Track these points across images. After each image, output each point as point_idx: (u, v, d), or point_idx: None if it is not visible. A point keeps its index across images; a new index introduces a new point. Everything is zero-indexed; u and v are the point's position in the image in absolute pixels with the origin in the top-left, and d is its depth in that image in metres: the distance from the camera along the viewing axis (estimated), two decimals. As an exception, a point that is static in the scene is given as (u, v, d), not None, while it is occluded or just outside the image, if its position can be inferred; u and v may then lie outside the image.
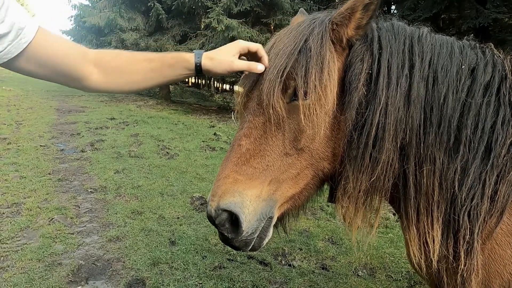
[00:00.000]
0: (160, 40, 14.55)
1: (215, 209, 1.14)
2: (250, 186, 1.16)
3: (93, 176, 5.79)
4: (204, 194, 5.16)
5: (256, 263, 3.45)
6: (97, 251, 3.56)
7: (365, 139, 1.18)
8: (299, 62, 1.17)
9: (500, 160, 1.19)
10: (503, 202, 1.19)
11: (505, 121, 1.21)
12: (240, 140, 1.20)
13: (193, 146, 8.27)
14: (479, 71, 1.25)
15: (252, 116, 1.22)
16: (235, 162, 1.17)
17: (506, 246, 1.20)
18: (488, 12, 9.50)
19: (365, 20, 1.20)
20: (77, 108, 12.85)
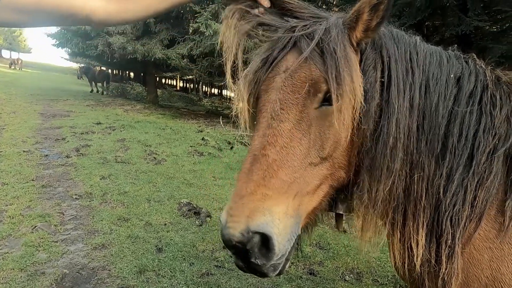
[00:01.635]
0: (147, 44, 14.47)
1: (242, 232, 0.99)
2: (278, 202, 1.05)
3: (78, 182, 5.69)
4: (192, 199, 5.14)
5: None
6: (82, 259, 3.50)
7: (382, 149, 1.18)
8: (328, 65, 1.12)
9: (480, 167, 1.24)
10: (481, 208, 1.23)
11: (485, 129, 1.26)
12: (264, 149, 1.08)
13: (181, 151, 8.23)
14: (464, 80, 1.31)
15: (276, 121, 1.11)
16: (262, 175, 1.05)
17: (483, 251, 1.24)
18: (469, 20, 9.75)
19: (375, 22, 1.17)
20: (62, 112, 12.65)
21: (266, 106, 1.15)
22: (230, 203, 1.06)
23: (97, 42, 15.85)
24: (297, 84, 1.13)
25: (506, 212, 1.22)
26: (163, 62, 14.83)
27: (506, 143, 1.27)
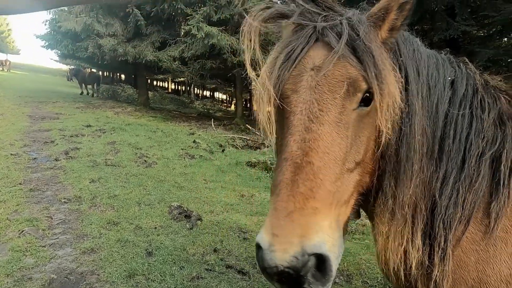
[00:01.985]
0: (138, 47, 14.42)
1: (296, 255, 0.85)
2: (326, 215, 0.95)
3: (67, 185, 5.62)
4: (183, 203, 5.11)
5: (235, 272, 3.44)
6: (70, 264, 3.45)
7: (407, 152, 1.16)
8: (366, 63, 1.06)
9: (471, 170, 1.26)
10: (470, 210, 1.25)
11: (476, 133, 1.28)
12: (307, 156, 0.97)
13: (172, 154, 8.19)
14: (458, 83, 1.33)
15: (316, 124, 1.01)
16: (310, 186, 0.94)
17: (470, 253, 1.26)
18: (457, 25, 9.93)
19: (400, 22, 1.16)
20: (52, 115, 12.48)
21: (299, 107, 1.04)
22: (271, 220, 0.91)
23: (87, 44, 15.72)
24: (333, 83, 1.05)
25: (491, 214, 1.24)
26: (155, 64, 14.77)
27: (493, 146, 1.30)
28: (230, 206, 5.25)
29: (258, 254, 0.92)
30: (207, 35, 12.46)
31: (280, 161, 1.01)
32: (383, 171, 1.19)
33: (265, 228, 0.92)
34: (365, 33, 1.09)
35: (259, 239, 0.92)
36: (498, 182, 1.27)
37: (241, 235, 4.27)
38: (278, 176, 0.98)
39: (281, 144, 1.05)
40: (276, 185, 0.97)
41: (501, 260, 1.22)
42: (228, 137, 11.47)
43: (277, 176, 0.99)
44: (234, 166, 7.67)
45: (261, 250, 0.90)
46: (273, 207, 0.94)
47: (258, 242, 0.92)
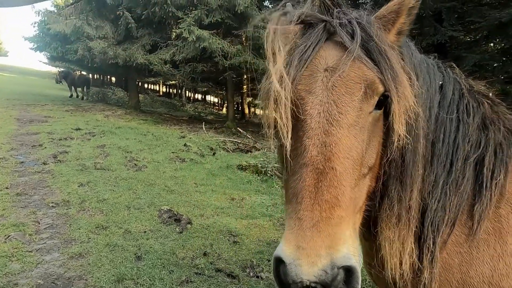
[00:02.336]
0: (129, 49, 14.33)
1: (325, 269, 0.81)
2: (348, 224, 0.91)
3: (55, 189, 5.54)
4: (173, 206, 5.08)
5: (224, 276, 3.43)
6: (58, 269, 3.40)
7: (412, 156, 1.15)
8: (382, 66, 1.04)
9: (457, 173, 1.28)
10: (455, 213, 1.28)
11: (462, 136, 1.31)
12: (329, 161, 0.93)
13: (162, 158, 8.14)
14: (447, 88, 1.36)
15: (336, 127, 0.97)
16: (335, 194, 0.90)
17: (454, 256, 1.28)
18: (444, 30, 10.14)
19: (407, 26, 1.17)
20: (40, 118, 12.30)
21: (316, 108, 0.99)
22: (295, 232, 0.86)
23: (77, 46, 15.60)
24: (350, 84, 1.01)
25: (474, 216, 1.27)
26: (145, 67, 14.69)
27: (477, 150, 1.33)
28: (220, 210, 5.23)
29: (278, 269, 0.86)
30: (198, 39, 12.46)
31: (298, 167, 0.95)
32: (389, 176, 1.18)
33: (286, 240, 0.86)
34: (377, 35, 1.08)
35: (280, 252, 0.85)
36: (481, 185, 1.29)
37: (231, 238, 4.26)
38: (298, 183, 0.93)
39: (295, 149, 0.99)
40: (296, 193, 0.92)
41: (484, 261, 1.24)
42: (219, 140, 11.45)
43: (295, 183, 0.93)
44: (225, 170, 7.66)
45: (283, 265, 0.84)
46: (296, 216, 0.88)
47: (280, 256, 0.85)
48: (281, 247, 0.87)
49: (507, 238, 1.25)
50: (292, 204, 0.92)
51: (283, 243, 0.87)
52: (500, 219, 1.27)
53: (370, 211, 1.22)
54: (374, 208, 1.22)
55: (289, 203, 0.95)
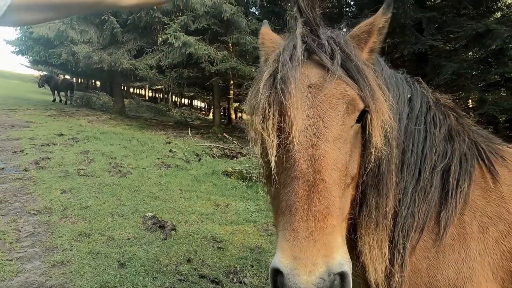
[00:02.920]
0: (114, 54, 14.21)
1: (323, 276, 0.85)
2: (340, 231, 0.97)
3: (36, 197, 5.45)
4: (157, 213, 5.07)
5: (208, 282, 3.45)
6: (39, 277, 3.36)
7: (387, 166, 1.23)
8: (360, 83, 1.11)
9: (425, 181, 1.37)
10: (423, 220, 1.36)
11: (429, 146, 1.40)
12: (320, 174, 0.98)
13: (147, 164, 8.10)
14: (415, 101, 1.45)
15: (323, 141, 1.02)
16: (326, 204, 0.95)
17: (423, 260, 1.35)
18: (425, 39, 10.46)
19: (378, 44, 1.25)
20: (21, 123, 12.05)
21: (303, 124, 1.03)
22: (290, 243, 0.89)
23: (60, 50, 15.36)
24: (333, 100, 1.07)
25: (441, 222, 1.35)
26: (131, 72, 14.60)
27: (443, 160, 1.42)
28: (205, 216, 5.25)
29: (276, 280, 0.89)
30: (184, 44, 12.47)
31: (289, 180, 0.99)
32: (366, 184, 1.25)
33: (282, 251, 0.89)
34: (354, 54, 1.16)
35: (277, 264, 0.88)
36: (447, 193, 1.38)
37: (215, 244, 4.29)
38: (290, 195, 0.96)
39: (283, 162, 1.03)
40: (290, 204, 0.95)
41: (449, 265, 1.32)
42: (205, 146, 11.45)
43: (288, 195, 0.97)
44: (210, 176, 7.67)
45: (281, 275, 0.87)
46: (291, 228, 0.91)
47: (277, 267, 0.88)
48: (278, 258, 0.89)
49: (471, 243, 1.33)
50: (286, 216, 0.95)
51: (280, 254, 0.89)
52: (464, 225, 1.35)
53: (351, 218, 1.28)
54: (354, 215, 1.28)
55: (282, 214, 0.98)
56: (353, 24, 1.34)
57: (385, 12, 1.24)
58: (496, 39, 9.24)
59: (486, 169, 1.45)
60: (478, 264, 1.31)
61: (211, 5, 12.59)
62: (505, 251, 1.31)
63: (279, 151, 1.04)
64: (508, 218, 1.34)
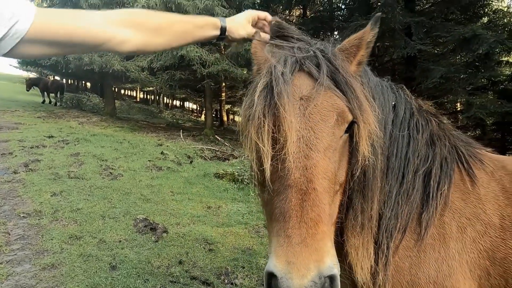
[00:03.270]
0: (105, 56, 14.13)
1: (314, 279, 0.90)
2: (329, 237, 1.03)
3: (26, 199, 5.41)
4: (149, 215, 5.08)
5: (199, 283, 3.48)
6: (29, 280, 3.35)
7: (372, 172, 1.30)
8: (349, 96, 1.17)
9: (408, 184, 1.44)
10: (406, 221, 1.42)
11: (412, 151, 1.47)
12: (312, 183, 1.03)
13: (139, 166, 8.09)
14: (399, 107, 1.52)
15: (315, 152, 1.07)
16: (318, 212, 1.00)
17: (405, 259, 1.42)
18: (414, 43, 10.64)
19: (365, 58, 1.32)
20: (10, 124, 11.90)
21: (296, 134, 1.07)
22: (284, 248, 0.94)
23: (50, 51, 15.19)
24: (324, 112, 1.12)
25: (422, 223, 1.41)
26: (122, 74, 14.53)
27: (425, 163, 1.49)
28: (196, 218, 5.28)
29: (271, 283, 0.94)
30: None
31: (282, 188, 1.04)
32: (353, 190, 1.31)
33: (277, 256, 0.94)
34: (342, 67, 1.21)
35: (272, 268, 0.93)
36: (428, 195, 1.44)
37: (207, 246, 4.32)
38: (284, 203, 1.01)
39: (277, 171, 1.07)
40: (283, 212, 1.00)
41: (430, 264, 1.39)
42: (197, 148, 11.46)
43: (281, 203, 1.02)
44: (202, 178, 7.69)
45: (275, 278, 0.92)
46: (285, 234, 0.96)
47: (272, 271, 0.93)
48: (272, 262, 0.94)
49: (450, 242, 1.40)
50: (280, 222, 1.00)
51: (274, 259, 0.94)
52: (444, 226, 1.42)
53: (338, 222, 1.34)
54: (341, 219, 1.34)
55: (276, 221, 1.02)
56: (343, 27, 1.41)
57: (373, 28, 1.31)
58: (483, 44, 9.45)
59: (465, 172, 1.53)
60: (457, 262, 1.38)
61: (203, 7, 12.64)
62: (482, 250, 1.38)
63: (274, 160, 1.08)
64: (484, 219, 1.42)
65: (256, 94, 1.15)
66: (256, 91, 1.16)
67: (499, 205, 1.45)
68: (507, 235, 1.39)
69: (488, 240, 1.39)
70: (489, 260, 1.37)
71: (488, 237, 1.39)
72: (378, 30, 1.35)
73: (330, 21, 14.82)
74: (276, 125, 1.09)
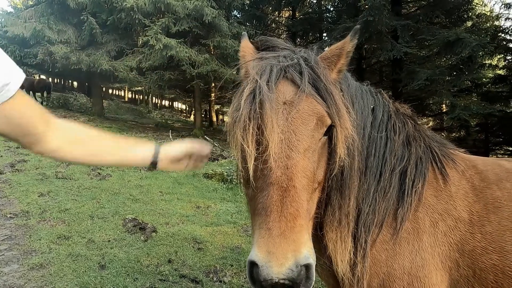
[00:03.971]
0: (93, 55, 14.02)
1: (291, 268, 0.98)
2: (306, 230, 1.10)
3: (13, 200, 5.38)
4: (138, 215, 5.10)
5: (188, 281, 3.54)
6: (17, 280, 3.36)
7: (349, 171, 1.40)
8: (328, 102, 1.25)
9: (385, 182, 1.54)
10: (383, 216, 1.52)
11: (389, 151, 1.57)
12: (291, 181, 1.11)
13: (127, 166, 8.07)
14: (377, 110, 1.62)
15: (295, 152, 1.15)
16: (296, 207, 1.08)
17: (382, 252, 1.52)
18: (400, 46, 10.87)
19: (345, 66, 1.42)
20: (-5, 124, 11.69)
21: (278, 136, 1.15)
22: (265, 240, 1.02)
23: (36, 50, 15.02)
24: (305, 116, 1.20)
25: (398, 218, 1.52)
26: (110, 73, 14.43)
27: (401, 162, 1.60)
28: (185, 218, 5.32)
29: (252, 271, 1.02)
30: (165, 47, 12.46)
31: (265, 185, 1.12)
32: (331, 188, 1.41)
33: (258, 246, 1.02)
34: (323, 74, 1.30)
35: (254, 257, 1.01)
36: (404, 192, 1.55)
37: (196, 245, 4.38)
38: (266, 198, 1.10)
39: (261, 169, 1.15)
40: (266, 207, 1.08)
41: (404, 256, 1.49)
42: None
43: (264, 199, 1.10)
44: (191, 178, 7.73)
45: (257, 267, 1.00)
46: (266, 227, 1.04)
47: (253, 260, 1.01)
48: (254, 252, 1.02)
49: (423, 236, 1.50)
50: (262, 216, 1.08)
51: (256, 249, 1.02)
52: (418, 221, 1.53)
53: (317, 217, 1.45)
54: (320, 214, 1.44)
55: (258, 215, 1.11)
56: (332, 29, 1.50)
57: (352, 39, 1.42)
58: (466, 47, 9.71)
59: (438, 171, 1.63)
60: (429, 254, 1.48)
61: (193, 8, 12.65)
62: (452, 243, 1.49)
63: (257, 160, 1.17)
64: (455, 214, 1.52)
65: (243, 98, 1.23)
66: (243, 95, 1.24)
67: (469, 201, 1.56)
68: (475, 229, 1.50)
69: (458, 234, 1.50)
70: (459, 252, 1.48)
71: (458, 231, 1.50)
72: (366, 33, 1.47)
73: (318, 23, 15.00)
74: (260, 129, 1.18)
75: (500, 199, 1.55)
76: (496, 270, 1.44)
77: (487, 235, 1.48)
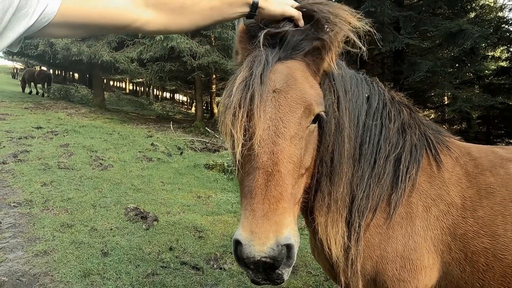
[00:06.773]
0: (94, 46, 13.99)
1: (272, 247, 1.04)
2: (290, 213, 1.15)
3: (16, 189, 5.45)
4: (139, 204, 5.17)
5: (189, 268, 3.61)
6: (22, 266, 3.44)
7: (338, 158, 1.44)
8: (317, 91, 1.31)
9: (380, 168, 1.57)
10: (376, 201, 1.57)
11: (384, 138, 1.61)
12: (276, 165, 1.15)
13: (129, 157, 8.13)
14: (372, 99, 1.65)
15: (282, 139, 1.19)
16: (280, 191, 1.13)
17: (375, 236, 1.56)
18: (402, 38, 10.80)
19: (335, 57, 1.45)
20: (-3, 115, 11.77)
21: (266, 123, 1.19)
22: (249, 220, 1.08)
23: (37, 41, 15.00)
24: (293, 104, 1.24)
25: (391, 203, 1.56)
26: (111, 65, 14.40)
27: (396, 149, 1.63)
28: (186, 207, 5.39)
29: (236, 249, 1.09)
30: (166, 38, 12.41)
31: (252, 169, 1.17)
32: (321, 174, 1.45)
33: (242, 226, 1.08)
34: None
35: (238, 236, 1.07)
36: (398, 178, 1.58)
37: (197, 234, 4.45)
38: (252, 182, 1.15)
39: (249, 154, 1.20)
40: (251, 190, 1.14)
41: (397, 239, 1.53)
42: (187, 139, 11.51)
43: (250, 182, 1.15)
44: (192, 169, 7.79)
45: (240, 245, 1.06)
46: (251, 208, 1.10)
47: (238, 239, 1.07)
48: (239, 232, 1.08)
49: (416, 220, 1.55)
50: (247, 199, 1.14)
51: (240, 229, 1.08)
52: (411, 206, 1.57)
53: (307, 202, 1.50)
54: (310, 200, 1.50)
55: (244, 197, 1.17)
56: None
57: None
58: (468, 39, 9.63)
59: (432, 157, 1.67)
60: (422, 238, 1.53)
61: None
62: (444, 227, 1.53)
63: (245, 146, 1.21)
64: (447, 199, 1.56)
65: (235, 86, 1.27)
66: (236, 83, 1.28)
67: (462, 187, 1.60)
68: (467, 214, 1.54)
69: (450, 219, 1.54)
70: (451, 236, 1.53)
71: (450, 216, 1.55)
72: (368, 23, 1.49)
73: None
74: (249, 116, 1.23)
75: (493, 185, 1.59)
76: (487, 253, 1.49)
77: (479, 219, 1.52)
